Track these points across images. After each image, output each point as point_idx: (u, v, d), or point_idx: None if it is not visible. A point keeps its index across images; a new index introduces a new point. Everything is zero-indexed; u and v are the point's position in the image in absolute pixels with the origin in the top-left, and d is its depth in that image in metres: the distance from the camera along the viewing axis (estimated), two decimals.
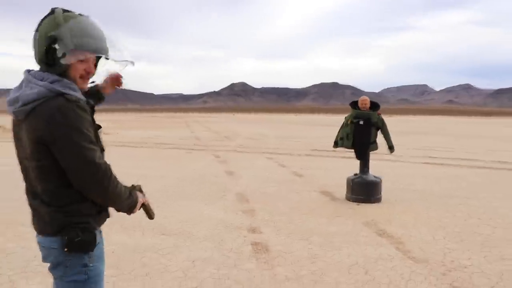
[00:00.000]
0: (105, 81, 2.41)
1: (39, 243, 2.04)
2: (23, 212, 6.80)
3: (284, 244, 5.36)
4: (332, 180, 9.87)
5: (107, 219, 2.12)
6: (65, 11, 1.94)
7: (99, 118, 2.13)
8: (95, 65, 2.07)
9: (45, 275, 4.30)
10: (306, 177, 10.49)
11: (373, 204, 7.50)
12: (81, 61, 1.94)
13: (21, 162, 2.04)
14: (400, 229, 6.05)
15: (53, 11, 1.94)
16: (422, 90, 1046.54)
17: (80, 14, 1.98)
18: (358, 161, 7.96)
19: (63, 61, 1.89)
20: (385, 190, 8.06)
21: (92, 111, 2.03)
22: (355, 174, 7.91)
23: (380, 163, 11.93)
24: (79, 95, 1.92)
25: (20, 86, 1.96)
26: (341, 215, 6.81)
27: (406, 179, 10.26)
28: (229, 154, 15.88)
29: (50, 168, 1.89)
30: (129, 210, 2.08)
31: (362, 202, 7.56)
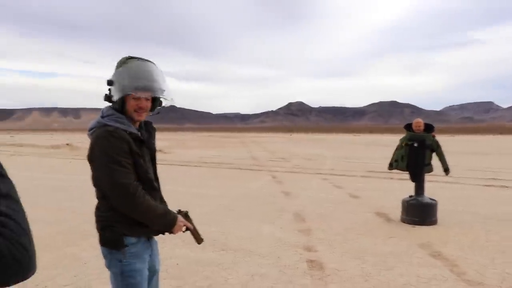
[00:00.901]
0: None
1: None
2: (91, 223, 7.43)
3: (338, 262, 5.56)
4: (387, 201, 9.93)
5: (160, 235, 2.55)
6: (129, 58, 2.44)
7: (157, 137, 2.53)
8: (153, 99, 2.51)
9: None
10: (362, 199, 10.59)
11: (429, 226, 7.53)
12: (134, 98, 2.40)
13: None
14: (456, 251, 6.09)
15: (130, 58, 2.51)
16: (487, 107, 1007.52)
17: (138, 58, 2.42)
18: (414, 184, 8.02)
19: (114, 99, 2.41)
20: (442, 212, 8.06)
21: (139, 140, 2.45)
22: (410, 196, 7.98)
23: (437, 185, 11.85)
24: (121, 126, 2.37)
25: None
26: (396, 236, 6.92)
27: (465, 201, 10.14)
28: (286, 174, 16.16)
29: (95, 183, 2.46)
30: (166, 229, 2.47)
31: (417, 224, 7.61)
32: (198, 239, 2.63)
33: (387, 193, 11.31)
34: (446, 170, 8.00)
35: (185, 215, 2.56)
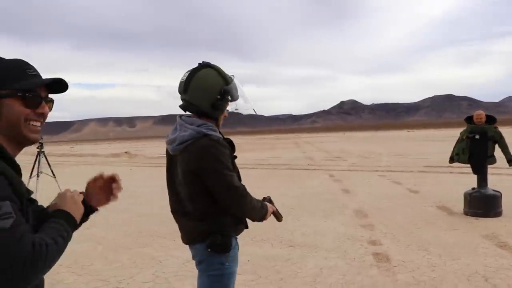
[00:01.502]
0: None
1: (190, 248, 2.68)
2: (160, 225, 7.90)
3: (403, 254, 5.73)
4: (448, 195, 9.90)
5: (245, 230, 2.75)
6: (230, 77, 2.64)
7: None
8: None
9: (195, 277, 5.11)
10: (422, 193, 10.60)
11: (493, 218, 7.52)
12: (225, 110, 2.65)
13: (170, 187, 2.73)
14: None
15: (209, 65, 2.63)
16: None
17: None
18: (476, 176, 8.02)
19: (223, 108, 2.60)
20: (507, 205, 7.99)
21: (231, 145, 2.68)
22: (473, 188, 7.98)
23: (501, 177, 11.65)
24: (219, 134, 2.58)
25: (175, 129, 2.63)
26: (459, 228, 6.98)
27: None
28: (343, 173, 16.26)
29: (200, 191, 2.52)
30: (261, 219, 2.69)
31: (481, 217, 7.61)
32: (279, 218, 2.88)
33: (447, 187, 11.25)
34: (510, 161, 7.93)
35: (269, 200, 2.82)
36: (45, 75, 1.51)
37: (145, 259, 6.04)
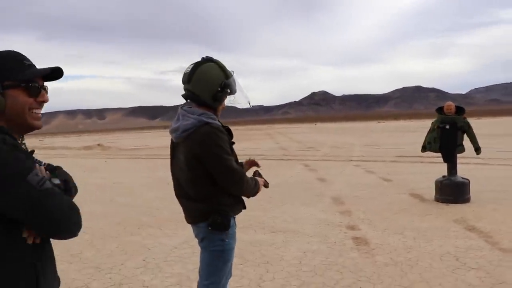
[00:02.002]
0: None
1: (193, 227, 2.97)
2: (145, 215, 8.12)
3: (380, 238, 6.10)
4: (420, 183, 10.38)
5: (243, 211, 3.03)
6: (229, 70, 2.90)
7: None
8: None
9: (184, 262, 5.38)
10: (395, 182, 11.06)
11: (462, 204, 7.97)
12: (223, 102, 2.91)
13: (173, 173, 3.00)
14: (489, 225, 6.55)
15: (211, 60, 2.90)
16: None
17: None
18: (446, 165, 8.47)
19: (222, 100, 2.85)
20: (475, 192, 8.49)
21: (229, 133, 2.95)
22: (444, 176, 8.43)
23: (469, 167, 12.22)
24: (218, 123, 2.83)
25: (178, 119, 2.87)
26: (431, 214, 7.41)
27: (496, 181, 10.52)
28: (317, 163, 16.67)
29: (201, 175, 2.79)
30: (255, 194, 3.00)
31: (451, 203, 8.06)
32: (267, 185, 3.11)
33: (418, 176, 11.74)
34: (477, 149, 8.41)
35: (259, 174, 3.10)
36: None
37: (134, 246, 6.24)
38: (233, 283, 4.25)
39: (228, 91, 2.84)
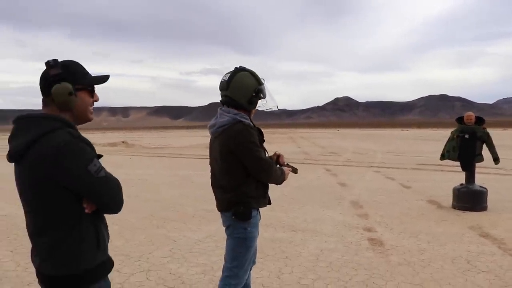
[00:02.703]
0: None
1: (221, 215, 3.32)
2: (169, 210, 8.50)
3: (396, 240, 6.35)
4: (438, 191, 10.55)
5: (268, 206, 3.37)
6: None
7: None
8: None
9: (208, 255, 5.72)
10: (414, 188, 11.24)
11: (479, 212, 8.15)
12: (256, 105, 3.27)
13: (211, 165, 3.38)
14: (503, 232, 6.74)
15: (244, 69, 3.24)
16: None
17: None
18: (464, 174, 8.65)
19: (256, 103, 3.22)
20: (493, 201, 8.65)
21: (259, 130, 3.29)
22: (461, 184, 8.62)
23: (489, 176, 12.32)
24: (249, 121, 3.19)
25: (216, 117, 3.28)
26: (447, 220, 7.61)
27: None
28: (339, 168, 16.90)
29: (234, 167, 3.15)
30: (282, 182, 3.36)
31: (468, 210, 8.24)
32: (295, 171, 3.50)
33: (437, 184, 11.89)
34: (496, 159, 8.57)
35: (286, 163, 3.46)
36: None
37: (160, 238, 6.61)
38: (254, 274, 4.57)
39: (261, 95, 3.22)
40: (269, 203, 3.43)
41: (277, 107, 3.50)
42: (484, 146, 8.54)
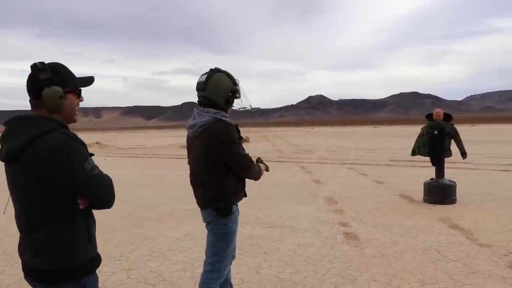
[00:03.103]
0: None
1: (201, 211, 3.43)
2: (146, 210, 8.50)
3: (370, 234, 6.57)
4: (410, 186, 10.87)
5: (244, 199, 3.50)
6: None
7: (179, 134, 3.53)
8: None
9: (187, 252, 5.82)
10: (386, 184, 11.54)
11: (448, 205, 8.45)
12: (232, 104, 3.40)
13: (190, 164, 3.46)
14: (471, 223, 7.03)
15: (219, 70, 3.35)
16: (509, 96, 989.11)
17: None
18: (434, 169, 8.96)
19: (232, 103, 3.34)
20: (461, 194, 8.98)
21: (237, 128, 3.41)
22: (432, 179, 8.92)
23: (458, 171, 12.73)
24: (229, 120, 3.31)
25: (194, 117, 3.35)
26: (418, 213, 7.88)
27: (482, 184, 11.01)
28: (313, 165, 17.14)
29: (215, 165, 3.27)
30: (259, 178, 3.54)
31: (438, 204, 8.54)
32: (267, 169, 3.71)
33: (409, 179, 12.22)
34: (463, 154, 8.90)
35: (261, 161, 3.67)
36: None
37: (139, 238, 6.68)
38: (234, 270, 4.69)
39: (237, 95, 3.35)
40: (245, 195, 3.57)
41: (251, 106, 3.63)
42: (452, 141, 8.86)
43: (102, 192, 2.07)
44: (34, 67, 1.99)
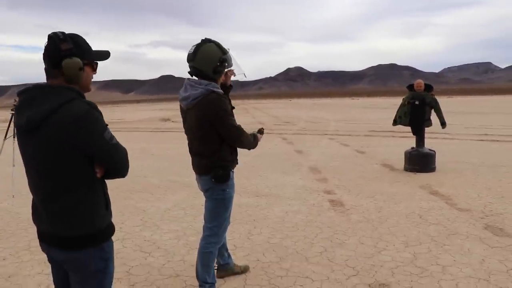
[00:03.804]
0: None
1: (199, 179, 3.57)
2: (134, 182, 8.53)
3: (354, 201, 6.81)
4: (391, 155, 11.16)
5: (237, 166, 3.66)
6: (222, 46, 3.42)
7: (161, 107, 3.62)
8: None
9: (179, 222, 5.97)
10: (368, 153, 11.82)
11: (428, 173, 8.75)
12: (225, 74, 3.50)
13: (187, 134, 3.56)
14: (450, 190, 7.34)
15: (210, 40, 3.40)
16: (486, 68, 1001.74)
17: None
18: (413, 139, 9.23)
19: (221, 72, 3.40)
20: (440, 163, 9.29)
21: (229, 99, 3.54)
22: (412, 148, 9.20)
23: (437, 141, 13.06)
24: (221, 91, 3.40)
25: (185, 89, 3.42)
26: (400, 181, 8.16)
27: (460, 153, 11.38)
28: (294, 136, 17.37)
29: (210, 134, 3.38)
30: (255, 147, 3.68)
31: (418, 172, 8.84)
32: (262, 132, 3.85)
33: (389, 149, 12.53)
34: (443, 124, 9.17)
35: (260, 132, 3.81)
36: None
37: (130, 209, 6.78)
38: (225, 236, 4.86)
39: (226, 64, 3.41)
40: (237, 163, 3.71)
41: (245, 74, 3.74)
42: (432, 112, 9.11)
43: (119, 161, 2.15)
44: (55, 36, 2.02)
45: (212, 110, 3.29)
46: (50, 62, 2.05)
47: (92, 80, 2.24)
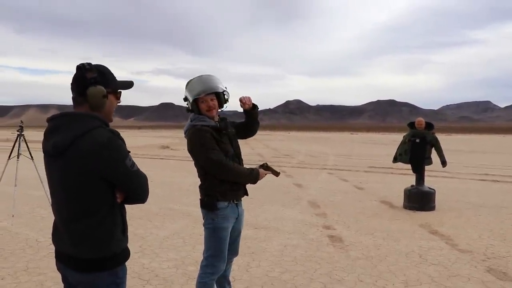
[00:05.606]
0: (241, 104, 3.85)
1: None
2: (132, 208, 8.47)
3: (354, 237, 6.77)
4: (390, 192, 11.15)
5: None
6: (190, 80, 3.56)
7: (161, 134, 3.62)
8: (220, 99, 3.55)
9: (178, 250, 5.91)
10: (367, 189, 11.80)
11: (428, 212, 8.73)
12: (201, 102, 3.48)
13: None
14: (450, 229, 7.30)
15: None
16: (485, 107, 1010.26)
17: (199, 76, 3.53)
18: (414, 176, 9.24)
19: (191, 107, 3.53)
20: (440, 201, 9.28)
21: (217, 130, 3.48)
22: (412, 186, 9.20)
23: (437, 179, 13.07)
24: (203, 123, 3.44)
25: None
26: (400, 219, 8.13)
27: (460, 192, 11.36)
28: (293, 169, 17.36)
29: (197, 165, 3.53)
30: (255, 181, 3.60)
31: (418, 210, 8.81)
32: (276, 173, 3.76)
33: (389, 185, 12.52)
34: (443, 162, 9.20)
35: (266, 167, 3.70)
36: None
37: (129, 235, 6.72)
38: None
39: (190, 99, 3.49)
40: (246, 194, 3.71)
41: (225, 90, 3.60)
42: (433, 150, 9.15)
43: (139, 188, 2.21)
44: (82, 67, 2.13)
45: (190, 145, 3.48)
46: (76, 90, 2.16)
47: None
